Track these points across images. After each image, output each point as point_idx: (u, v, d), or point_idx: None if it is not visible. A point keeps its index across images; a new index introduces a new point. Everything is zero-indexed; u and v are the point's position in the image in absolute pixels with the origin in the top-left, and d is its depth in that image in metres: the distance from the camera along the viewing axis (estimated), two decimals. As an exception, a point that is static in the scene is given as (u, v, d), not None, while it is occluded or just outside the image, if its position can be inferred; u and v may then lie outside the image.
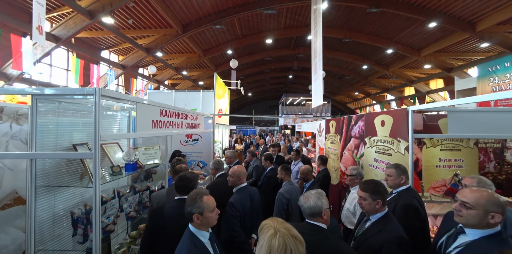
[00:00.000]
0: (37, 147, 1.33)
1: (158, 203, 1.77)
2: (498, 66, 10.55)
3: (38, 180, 1.42)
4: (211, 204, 1.32)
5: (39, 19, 4.96)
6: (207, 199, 1.31)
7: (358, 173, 2.24)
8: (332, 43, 14.28)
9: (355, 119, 3.04)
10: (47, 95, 1.27)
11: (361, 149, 2.80)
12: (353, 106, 30.76)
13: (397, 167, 1.75)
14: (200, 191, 1.38)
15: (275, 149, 4.34)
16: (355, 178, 2.23)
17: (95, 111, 1.15)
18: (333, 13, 11.00)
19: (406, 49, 12.88)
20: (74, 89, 1.21)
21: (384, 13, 9.98)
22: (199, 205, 1.27)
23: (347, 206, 2.27)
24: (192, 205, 1.27)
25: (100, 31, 9.92)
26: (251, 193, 2.07)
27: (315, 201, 1.33)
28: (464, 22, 9.50)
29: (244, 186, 2.05)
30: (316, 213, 1.32)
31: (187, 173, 1.75)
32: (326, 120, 4.26)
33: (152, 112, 1.67)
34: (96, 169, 1.17)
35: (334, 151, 3.79)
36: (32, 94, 1.26)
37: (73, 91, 1.18)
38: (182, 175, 1.70)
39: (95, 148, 1.17)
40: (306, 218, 1.36)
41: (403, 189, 1.73)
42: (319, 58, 7.03)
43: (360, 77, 20.52)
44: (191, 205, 1.27)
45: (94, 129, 1.15)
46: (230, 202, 1.89)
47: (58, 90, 1.19)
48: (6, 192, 1.95)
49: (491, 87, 10.89)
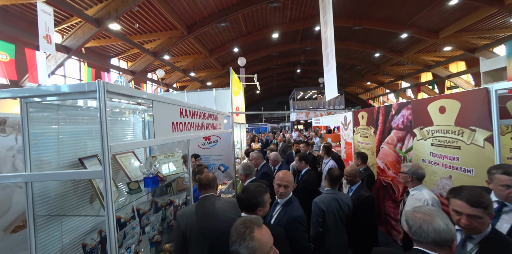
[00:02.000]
0: (33, 165, 1.00)
1: (186, 225, 1.43)
2: (530, 42, 9.62)
3: (37, 207, 1.11)
4: (267, 242, 0.91)
5: (46, 28, 4.93)
6: (260, 235, 0.90)
7: (410, 170, 1.86)
8: (341, 33, 13.65)
9: (396, 108, 2.68)
10: (39, 96, 0.92)
11: (407, 141, 2.45)
12: (365, 97, 29.67)
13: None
14: (250, 219, 0.96)
15: (307, 147, 3.95)
16: (407, 176, 1.88)
17: (100, 114, 0.82)
18: (341, 1, 10.45)
19: (423, 32, 12.05)
20: (71, 85, 0.86)
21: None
22: (249, 244, 0.87)
23: (407, 210, 1.90)
24: (238, 243, 0.89)
25: (108, 39, 10.02)
26: (297, 199, 1.72)
27: (445, 223, 0.89)
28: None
29: (292, 195, 1.71)
30: (447, 241, 0.87)
31: (250, 185, 1.41)
32: (354, 112, 3.92)
33: (171, 113, 1.38)
34: (108, 192, 0.82)
35: (367, 145, 3.45)
36: (19, 97, 0.92)
37: (70, 89, 0.86)
38: (245, 188, 1.39)
39: (104, 163, 0.82)
40: (424, 247, 0.90)
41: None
42: (330, 49, 6.65)
43: (372, 66, 19.64)
44: (237, 243, 0.89)
45: (101, 138, 0.83)
46: (298, 216, 1.55)
47: (51, 89, 0.87)
48: (17, 212, 1.77)
49: (523, 65, 9.96)
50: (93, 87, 0.84)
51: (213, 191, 1.61)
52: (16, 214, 1.80)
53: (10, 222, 1.79)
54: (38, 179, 0.95)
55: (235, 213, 1.52)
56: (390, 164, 2.81)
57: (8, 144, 1.81)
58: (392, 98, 24.46)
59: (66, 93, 0.87)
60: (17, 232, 1.81)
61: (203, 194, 1.59)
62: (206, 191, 1.59)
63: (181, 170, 1.83)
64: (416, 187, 1.87)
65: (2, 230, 1.75)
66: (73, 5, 7.22)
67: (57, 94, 0.88)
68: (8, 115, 1.87)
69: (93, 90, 0.84)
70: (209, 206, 1.52)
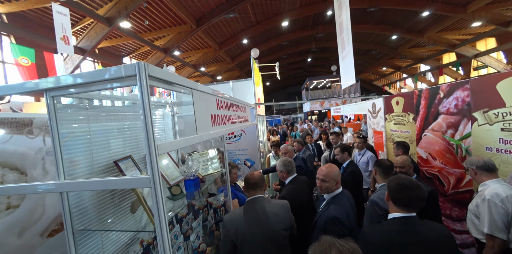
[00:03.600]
0: (66, 172, 0.83)
1: (237, 233, 1.24)
2: None
3: (74, 220, 0.93)
4: None
5: (63, 29, 4.93)
6: None
7: (471, 163, 1.56)
8: (355, 15, 12.74)
9: (446, 90, 2.35)
10: (66, 87, 0.74)
11: (463, 127, 2.16)
12: (380, 83, 28.26)
13: None
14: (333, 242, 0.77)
15: (338, 137, 3.67)
16: (471, 172, 1.58)
17: (144, 105, 0.66)
18: (355, -20, 9.69)
19: (447, 8, 10.97)
20: (104, 71, 0.69)
21: (419, -33, 8.45)
22: None
23: (471, 208, 1.59)
24: None
25: (119, 38, 10.08)
26: (349, 198, 1.53)
27: None
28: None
29: (342, 191, 1.53)
30: None
31: (404, 179, 1.14)
32: (386, 97, 3.60)
33: (209, 105, 1.21)
34: (159, 206, 0.66)
35: (403, 133, 3.16)
36: (43, 90, 0.75)
37: (103, 75, 0.69)
38: (399, 182, 1.13)
39: (153, 169, 0.65)
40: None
41: None
42: (346, 33, 6.23)
43: (388, 50, 18.45)
44: None
45: (147, 136, 0.66)
46: (334, 217, 1.35)
47: (80, 77, 0.71)
48: (51, 216, 1.69)
49: None
50: (131, 71, 0.67)
51: (261, 191, 1.46)
52: (50, 217, 1.76)
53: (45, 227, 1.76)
54: (74, 189, 0.79)
55: (288, 218, 1.37)
56: (436, 153, 2.53)
57: (37, 146, 1.75)
58: (409, 84, 23.07)
59: (98, 81, 0.72)
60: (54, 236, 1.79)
61: (251, 196, 1.43)
62: (255, 192, 1.44)
63: (218, 169, 1.70)
64: (484, 182, 1.55)
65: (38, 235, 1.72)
66: (84, 6, 7.23)
67: (88, 83, 0.72)
68: (34, 115, 1.81)
69: (132, 75, 0.68)
70: (260, 210, 1.36)
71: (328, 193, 1.54)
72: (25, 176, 1.71)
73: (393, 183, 1.20)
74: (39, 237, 1.71)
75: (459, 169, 2.25)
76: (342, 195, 1.53)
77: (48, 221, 1.72)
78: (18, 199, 1.66)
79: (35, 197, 1.74)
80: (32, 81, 0.74)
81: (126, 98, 1.35)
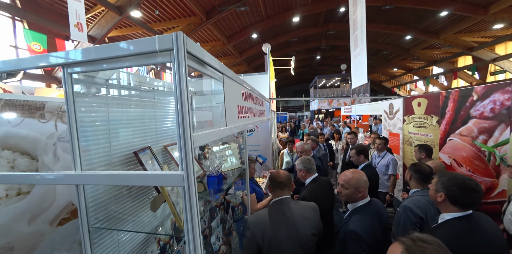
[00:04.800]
0: (83, 162, 0.70)
1: (263, 237, 1.13)
2: None
3: (91, 217, 0.82)
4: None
5: (77, 16, 4.82)
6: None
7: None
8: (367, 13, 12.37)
9: (482, 92, 2.18)
10: (89, 62, 0.63)
11: (499, 134, 2.00)
12: (389, 84, 27.72)
13: None
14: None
15: (355, 138, 3.51)
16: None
17: (180, 87, 0.54)
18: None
19: (468, 8, 10.54)
20: (134, 42, 0.57)
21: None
22: None
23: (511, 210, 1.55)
24: None
25: (129, 28, 9.99)
26: (379, 210, 1.35)
27: None
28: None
29: (368, 202, 1.37)
30: None
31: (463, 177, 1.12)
32: (406, 98, 3.43)
33: (236, 95, 1.09)
34: (193, 209, 0.57)
35: (424, 137, 3.00)
36: (61, 64, 0.64)
37: (133, 48, 0.57)
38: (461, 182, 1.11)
39: (188, 165, 0.55)
40: None
41: None
42: (360, 30, 6.03)
43: (400, 50, 17.98)
44: None
45: (182, 124, 0.55)
46: (353, 233, 1.21)
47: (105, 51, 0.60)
48: (62, 204, 1.65)
49: None
50: (168, 44, 0.55)
51: (289, 192, 1.34)
52: (61, 205, 1.70)
53: (56, 214, 1.69)
54: (95, 182, 0.68)
55: (318, 222, 1.25)
56: (463, 160, 2.37)
57: (48, 131, 1.66)
58: (420, 86, 22.57)
59: (124, 56, 0.60)
60: (63, 225, 1.72)
61: (278, 196, 1.32)
62: (282, 192, 1.32)
63: (238, 164, 1.59)
64: None
65: (48, 223, 1.65)
66: (94, -7, 7.12)
67: (114, 58, 0.60)
68: (46, 99, 1.71)
69: (169, 49, 0.56)
70: (288, 212, 1.25)
71: (351, 202, 1.42)
72: (36, 162, 1.63)
73: (454, 182, 1.17)
74: (49, 225, 1.65)
75: (490, 178, 2.11)
76: (367, 207, 1.38)
77: (59, 209, 1.65)
78: (29, 186, 1.58)
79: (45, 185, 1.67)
80: (47, 55, 0.63)
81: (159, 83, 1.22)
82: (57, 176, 0.63)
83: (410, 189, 1.65)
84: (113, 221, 0.91)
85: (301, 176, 1.85)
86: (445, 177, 1.22)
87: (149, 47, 0.56)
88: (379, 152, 3.09)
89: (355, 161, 2.47)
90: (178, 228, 1.10)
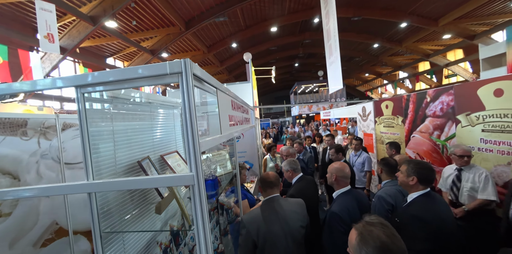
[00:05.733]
0: (95, 171, 0.78)
1: (258, 233, 1.24)
2: (531, 26, 9.61)
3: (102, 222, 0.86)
4: None
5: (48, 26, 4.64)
6: None
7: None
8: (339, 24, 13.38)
9: (433, 95, 2.57)
10: (105, 84, 0.71)
11: (448, 129, 2.36)
12: (363, 88, 29.69)
13: None
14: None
15: (332, 139, 3.81)
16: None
17: (189, 103, 0.66)
18: (340, -10, 10.24)
19: (422, 21, 11.96)
20: (149, 67, 0.68)
21: (397, -18, 9.17)
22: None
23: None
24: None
25: (103, 38, 9.66)
26: (359, 197, 1.56)
27: None
28: (491, -20, 8.60)
29: (349, 190, 1.58)
30: None
31: (424, 162, 1.40)
32: (376, 101, 3.81)
33: (227, 105, 1.26)
34: (203, 208, 0.66)
35: (392, 135, 3.36)
36: (74, 86, 0.73)
37: (147, 71, 0.68)
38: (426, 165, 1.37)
39: (198, 166, 0.65)
40: None
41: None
42: (334, 40, 6.54)
43: (370, 57, 19.56)
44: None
45: (192, 132, 0.66)
46: (333, 213, 1.42)
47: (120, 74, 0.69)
48: (45, 224, 1.59)
49: (524, 50, 9.98)
50: (177, 68, 0.68)
51: (278, 190, 1.48)
52: (44, 226, 1.64)
53: (39, 236, 1.63)
54: (109, 188, 0.77)
55: (305, 215, 1.41)
56: (424, 153, 2.73)
57: (31, 148, 1.64)
58: (390, 89, 24.50)
59: (139, 78, 0.71)
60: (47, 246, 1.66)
61: (269, 195, 1.46)
62: (272, 190, 1.47)
63: (229, 169, 1.70)
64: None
65: (31, 245, 1.59)
66: (66, 3, 6.87)
67: (128, 79, 0.71)
68: (28, 116, 1.70)
69: (178, 72, 0.68)
70: (279, 208, 1.39)
71: (335, 189, 1.64)
72: (18, 181, 1.58)
73: (421, 166, 1.44)
74: (32, 247, 1.58)
75: (444, 167, 2.45)
76: (348, 193, 1.59)
77: (42, 230, 1.60)
78: (10, 206, 1.52)
79: (28, 204, 1.61)
80: (63, 77, 0.71)
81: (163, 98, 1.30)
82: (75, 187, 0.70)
83: (382, 181, 1.89)
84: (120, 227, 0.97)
85: (288, 176, 2.02)
86: (412, 163, 1.48)
87: (161, 70, 0.68)
88: (355, 151, 3.40)
89: (334, 158, 2.71)
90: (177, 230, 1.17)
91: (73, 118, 1.73)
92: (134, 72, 0.69)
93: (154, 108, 1.40)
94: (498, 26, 11.11)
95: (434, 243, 1.23)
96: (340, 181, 1.59)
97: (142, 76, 0.70)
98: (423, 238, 1.24)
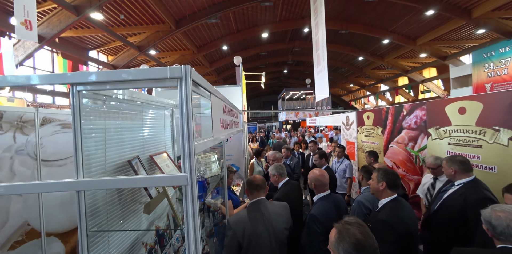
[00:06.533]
0: (85, 168, 0.78)
1: (244, 234, 1.27)
2: (493, 52, 10.79)
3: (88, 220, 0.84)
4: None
5: (25, 12, 4.32)
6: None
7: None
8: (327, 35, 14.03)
9: (408, 109, 2.80)
10: (101, 83, 0.72)
11: (421, 141, 2.57)
12: (347, 98, 31.04)
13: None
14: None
15: (315, 146, 3.98)
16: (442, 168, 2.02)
17: (187, 108, 0.68)
18: (329, 4, 10.77)
19: (402, 39, 12.92)
20: (149, 70, 0.68)
21: (381, 2, 9.87)
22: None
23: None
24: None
25: (87, 29, 9.19)
26: (336, 201, 1.68)
27: None
28: (460, 8, 9.58)
29: (328, 194, 1.70)
30: None
31: (391, 170, 1.48)
32: (358, 112, 4.03)
33: (219, 109, 1.30)
34: (195, 211, 0.67)
35: (372, 144, 3.57)
36: (71, 83, 0.73)
37: (147, 75, 0.69)
38: (392, 172, 1.49)
39: (192, 167, 0.66)
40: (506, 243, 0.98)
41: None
42: (322, 50, 6.84)
43: (355, 69, 20.60)
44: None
45: (188, 134, 0.68)
46: (312, 215, 1.54)
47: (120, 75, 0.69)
48: (16, 225, 1.47)
49: (487, 73, 11.15)
50: (177, 73, 0.70)
51: (264, 193, 1.52)
52: (15, 226, 1.52)
53: (7, 237, 1.51)
54: (103, 187, 0.75)
55: (289, 218, 1.46)
56: (399, 163, 2.93)
57: (5, 143, 1.52)
58: (372, 100, 25.89)
59: (139, 80, 0.72)
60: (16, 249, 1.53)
61: (255, 198, 1.49)
62: (259, 193, 1.51)
63: (218, 172, 1.70)
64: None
65: (-3, 247, 1.46)
66: (49, -10, 6.48)
67: (128, 81, 0.72)
68: (5, 109, 1.58)
69: (177, 77, 0.70)
70: (265, 211, 1.44)
71: (316, 193, 1.75)
72: (-13, 178, 1.45)
73: (389, 173, 1.59)
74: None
75: (417, 176, 2.67)
76: (327, 197, 1.71)
77: (12, 230, 1.47)
78: (-25, 205, 1.39)
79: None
80: (61, 74, 0.70)
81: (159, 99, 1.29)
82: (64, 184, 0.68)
83: (362, 187, 2.01)
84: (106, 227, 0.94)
85: (274, 180, 2.07)
86: (380, 170, 1.63)
87: (162, 75, 0.70)
88: (338, 158, 3.56)
89: (318, 164, 2.84)
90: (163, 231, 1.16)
91: (55, 113, 1.64)
92: (135, 75, 0.70)
93: (145, 108, 1.38)
94: (466, 50, 12.33)
95: (400, 244, 1.36)
96: (319, 187, 1.70)
97: (143, 78, 0.71)
98: (390, 241, 1.36)
